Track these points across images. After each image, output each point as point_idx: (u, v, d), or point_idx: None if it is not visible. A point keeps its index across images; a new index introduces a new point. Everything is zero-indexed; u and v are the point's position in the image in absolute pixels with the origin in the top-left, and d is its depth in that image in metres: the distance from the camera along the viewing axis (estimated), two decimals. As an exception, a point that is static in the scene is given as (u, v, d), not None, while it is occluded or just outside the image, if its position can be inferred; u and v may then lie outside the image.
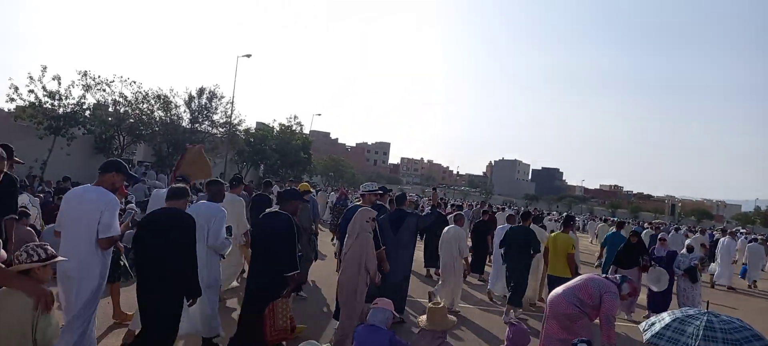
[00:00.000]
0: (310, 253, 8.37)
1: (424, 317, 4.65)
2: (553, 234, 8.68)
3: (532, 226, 9.40)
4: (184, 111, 29.75)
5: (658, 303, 9.24)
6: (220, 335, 5.64)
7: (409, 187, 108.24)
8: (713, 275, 15.68)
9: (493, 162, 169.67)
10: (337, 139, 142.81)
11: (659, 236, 11.02)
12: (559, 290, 5.39)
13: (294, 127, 41.04)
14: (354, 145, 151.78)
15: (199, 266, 4.71)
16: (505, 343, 4.61)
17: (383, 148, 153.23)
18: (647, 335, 4.65)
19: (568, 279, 6.23)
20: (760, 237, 25.83)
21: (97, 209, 4.27)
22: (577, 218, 19.51)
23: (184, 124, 29.64)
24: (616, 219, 34.35)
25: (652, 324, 4.79)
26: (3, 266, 3.16)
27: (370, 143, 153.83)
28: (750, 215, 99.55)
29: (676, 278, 9.74)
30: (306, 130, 44.02)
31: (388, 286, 6.38)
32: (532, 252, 8.51)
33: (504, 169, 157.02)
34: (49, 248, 3.25)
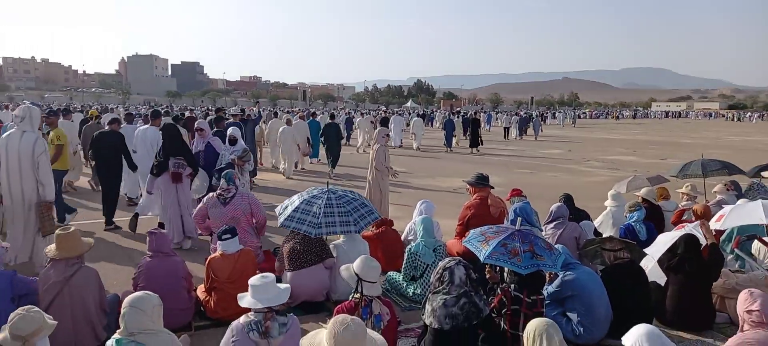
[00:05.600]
0: None
1: (53, 246, 4.11)
2: None
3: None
4: None
5: None
6: None
7: (22, 93, 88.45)
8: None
9: (126, 58, 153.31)
10: None
11: (197, 126, 8.12)
12: None
13: None
14: None
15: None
16: (149, 250, 4.52)
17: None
18: (281, 219, 5.27)
19: None
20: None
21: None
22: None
23: None
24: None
25: (285, 208, 5.43)
26: None
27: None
28: (361, 94, 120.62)
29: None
30: None
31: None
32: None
33: (140, 66, 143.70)
34: None
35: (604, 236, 5.80)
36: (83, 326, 3.95)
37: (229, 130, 7.81)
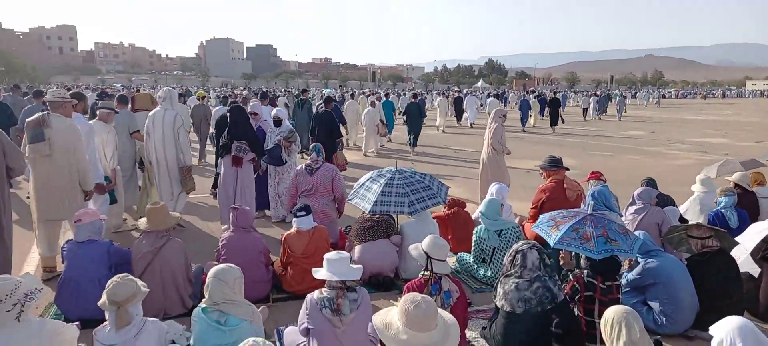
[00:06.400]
0: None
1: (144, 219, 4.43)
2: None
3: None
4: None
5: None
6: None
7: (112, 77, 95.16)
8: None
9: (204, 42, 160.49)
10: None
11: (250, 110, 7.56)
12: None
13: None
14: (27, 30, 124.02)
15: None
16: (231, 226, 4.75)
17: (68, 32, 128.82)
18: (349, 196, 5.41)
19: None
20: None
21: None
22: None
23: None
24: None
25: (358, 184, 5.57)
26: None
27: (48, 28, 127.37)
28: (430, 74, 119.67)
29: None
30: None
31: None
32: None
33: (217, 49, 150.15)
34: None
35: (690, 222, 5.46)
36: (172, 294, 4.25)
37: (274, 112, 7.79)
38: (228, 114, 7.06)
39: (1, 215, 4.46)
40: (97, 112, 6.39)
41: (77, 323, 3.06)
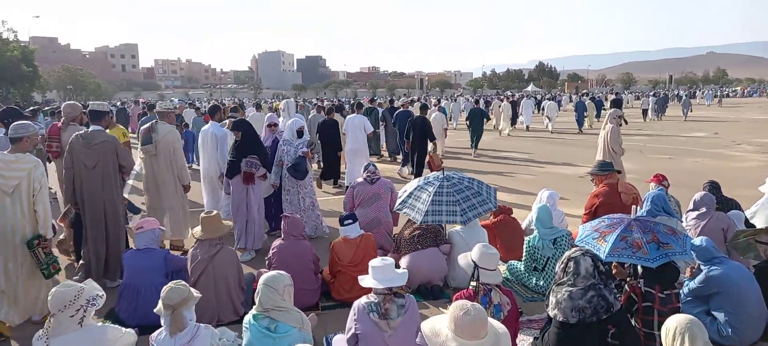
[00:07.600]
0: None
1: (198, 228, 4.58)
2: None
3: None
4: None
5: None
6: None
7: (170, 92, 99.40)
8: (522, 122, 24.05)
9: (256, 55, 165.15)
10: (68, 44, 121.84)
11: (269, 122, 7.54)
12: None
13: (4, 35, 33.67)
14: (93, 50, 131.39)
15: None
16: (282, 233, 4.84)
17: (130, 50, 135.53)
18: (396, 206, 5.39)
19: None
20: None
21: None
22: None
23: None
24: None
25: (405, 192, 5.53)
26: None
27: (112, 47, 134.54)
28: (479, 80, 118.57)
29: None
30: (23, 37, 36.71)
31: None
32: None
33: (269, 62, 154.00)
34: None
35: (757, 227, 5.13)
36: (225, 301, 4.36)
37: (298, 124, 7.23)
38: (231, 131, 6.63)
39: (117, 203, 5.30)
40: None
41: (136, 328, 3.20)
